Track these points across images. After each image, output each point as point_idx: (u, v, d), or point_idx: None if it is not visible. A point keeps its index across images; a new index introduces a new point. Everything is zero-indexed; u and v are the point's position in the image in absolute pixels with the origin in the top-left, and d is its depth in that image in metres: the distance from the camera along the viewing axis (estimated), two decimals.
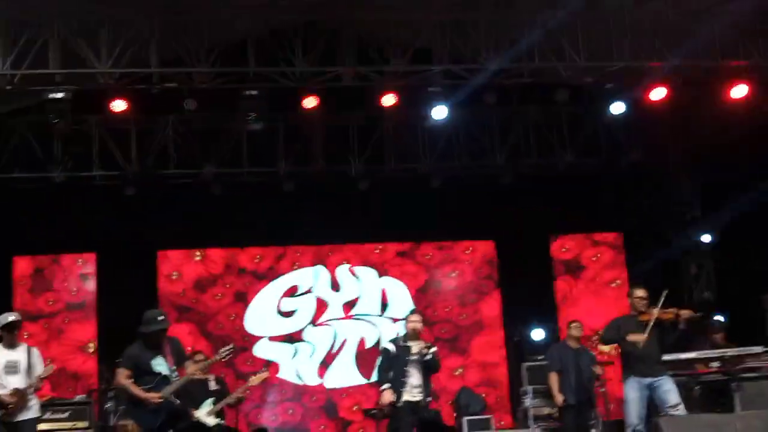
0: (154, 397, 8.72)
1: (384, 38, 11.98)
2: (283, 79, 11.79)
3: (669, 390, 9.49)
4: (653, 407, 9.64)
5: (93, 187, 13.67)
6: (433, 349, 10.33)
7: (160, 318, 8.94)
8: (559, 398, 10.83)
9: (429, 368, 10.29)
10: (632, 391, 9.58)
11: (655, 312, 9.53)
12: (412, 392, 10.16)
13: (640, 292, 9.78)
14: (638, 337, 9.48)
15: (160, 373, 8.83)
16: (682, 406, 9.48)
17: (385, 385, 10.16)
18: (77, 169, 13.57)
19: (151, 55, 11.34)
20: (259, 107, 11.86)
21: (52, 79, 11.24)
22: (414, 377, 10.19)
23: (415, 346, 10.27)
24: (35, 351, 9.59)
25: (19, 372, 9.36)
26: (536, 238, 15.21)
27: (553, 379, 10.91)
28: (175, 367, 8.91)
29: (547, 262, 15.40)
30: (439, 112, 12.41)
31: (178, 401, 8.88)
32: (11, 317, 9.53)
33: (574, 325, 11.16)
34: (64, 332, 14.32)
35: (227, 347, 9.39)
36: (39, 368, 9.48)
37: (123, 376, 8.87)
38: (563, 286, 15.44)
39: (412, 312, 10.71)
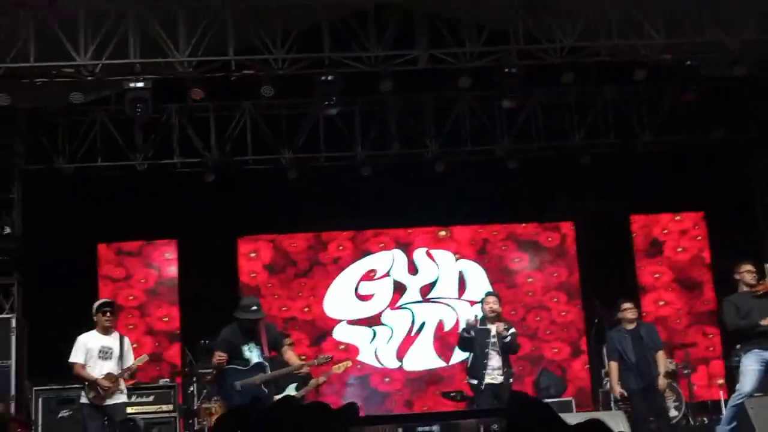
0: (221, 358, 8.97)
1: (458, 19, 11.92)
2: (358, 63, 11.82)
3: None
4: None
5: (174, 174, 13.89)
6: (512, 331, 10.32)
7: (254, 308, 9.18)
8: (617, 389, 10.37)
9: (508, 350, 10.28)
10: (753, 363, 9.38)
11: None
12: (493, 374, 10.17)
13: (748, 266, 9.58)
14: None
15: (249, 360, 9.03)
16: None
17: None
18: (158, 157, 13.79)
19: (228, 43, 11.46)
20: (335, 92, 11.91)
21: (132, 69, 11.43)
22: (494, 359, 10.20)
23: (494, 328, 10.27)
24: (127, 340, 9.93)
25: (112, 358, 9.69)
26: (616, 218, 15.03)
27: (612, 369, 10.46)
28: (268, 354, 9.14)
29: (627, 242, 15.20)
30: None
31: (266, 391, 9.08)
32: (104, 300, 9.86)
33: (626, 306, 10.52)
34: (147, 317, 14.55)
35: (325, 356, 9.69)
36: (130, 356, 9.78)
37: (216, 358, 9.12)
38: (644, 265, 15.24)
39: (489, 294, 10.69)
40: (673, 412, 11.93)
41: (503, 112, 13.63)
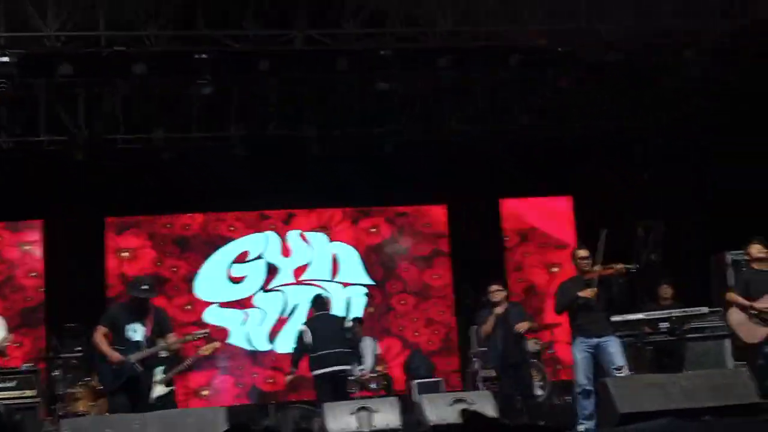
0: (115, 356, 8.74)
1: (337, 1, 11.84)
2: (234, 42, 11.63)
3: (614, 352, 9.51)
4: (600, 368, 9.70)
5: (40, 152, 13.38)
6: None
7: (144, 287, 9.02)
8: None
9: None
10: (579, 352, 9.61)
11: (597, 269, 9.59)
12: None
13: (581, 253, 9.80)
14: (587, 293, 9.49)
15: (130, 339, 8.85)
16: (626, 368, 9.56)
17: None
18: (24, 134, 13.29)
19: (100, 18, 11.10)
20: (210, 71, 11.71)
21: None
22: None
23: None
24: (1, 319, 9.51)
25: None
26: (487, 202, 15.29)
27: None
28: (151, 336, 8.95)
29: (498, 225, 15.49)
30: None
31: (142, 369, 8.89)
32: None
33: (493, 288, 10.76)
34: (11, 299, 14.10)
35: (202, 330, 9.56)
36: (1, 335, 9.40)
37: (99, 333, 8.96)
38: (513, 249, 15.54)
39: None
40: (538, 392, 12.22)
41: (380, 94, 13.58)
